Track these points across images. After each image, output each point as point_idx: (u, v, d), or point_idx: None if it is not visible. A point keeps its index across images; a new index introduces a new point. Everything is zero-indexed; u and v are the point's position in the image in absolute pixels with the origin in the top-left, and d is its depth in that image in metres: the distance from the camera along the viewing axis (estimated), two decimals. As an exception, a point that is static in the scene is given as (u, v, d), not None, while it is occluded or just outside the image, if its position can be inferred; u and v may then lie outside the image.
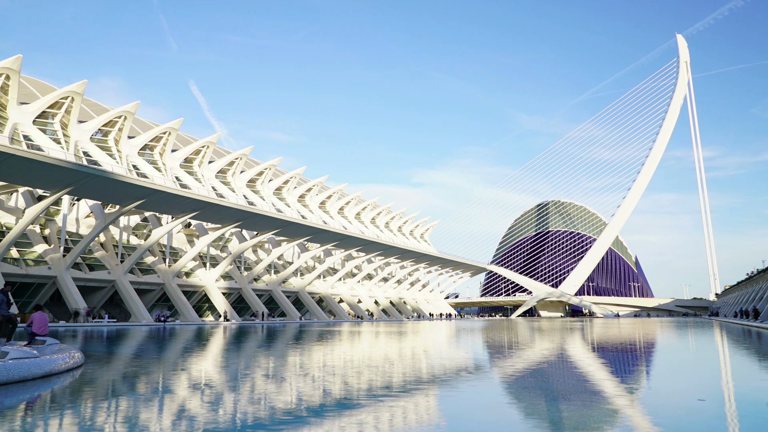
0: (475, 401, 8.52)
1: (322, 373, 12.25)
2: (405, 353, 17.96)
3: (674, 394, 9.34)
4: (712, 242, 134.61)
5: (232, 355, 17.32)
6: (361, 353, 17.71)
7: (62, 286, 46.07)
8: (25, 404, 8.20)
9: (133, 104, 57.58)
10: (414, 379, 11.02)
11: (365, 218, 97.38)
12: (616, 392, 9.27)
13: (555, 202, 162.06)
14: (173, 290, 54.94)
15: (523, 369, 13.11)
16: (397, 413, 7.34)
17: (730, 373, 12.36)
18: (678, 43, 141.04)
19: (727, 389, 9.89)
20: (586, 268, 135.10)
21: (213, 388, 9.77)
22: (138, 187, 43.44)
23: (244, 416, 7.27)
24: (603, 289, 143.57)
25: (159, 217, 58.82)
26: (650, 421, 6.84)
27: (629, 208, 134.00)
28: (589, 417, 7.10)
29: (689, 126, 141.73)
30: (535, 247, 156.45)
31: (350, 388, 9.60)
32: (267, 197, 73.35)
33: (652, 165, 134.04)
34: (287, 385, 10.03)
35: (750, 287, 74.94)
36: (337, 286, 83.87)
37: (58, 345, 13.87)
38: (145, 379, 11.14)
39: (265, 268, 68.48)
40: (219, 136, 67.50)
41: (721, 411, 7.62)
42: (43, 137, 48.34)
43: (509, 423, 6.94)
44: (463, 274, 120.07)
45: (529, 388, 9.86)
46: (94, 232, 46.74)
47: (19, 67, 47.00)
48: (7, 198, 48.42)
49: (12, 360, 9.88)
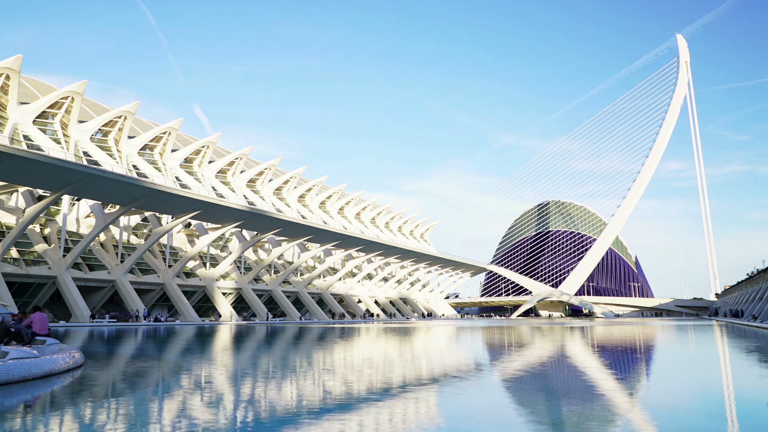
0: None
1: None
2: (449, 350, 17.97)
3: (674, 393, 9.34)
4: (712, 242, 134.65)
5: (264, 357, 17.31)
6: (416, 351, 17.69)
7: (62, 286, 46.06)
8: (25, 404, 8.20)
9: (133, 104, 57.59)
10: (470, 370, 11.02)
11: (365, 218, 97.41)
12: (616, 392, 9.27)
13: (556, 202, 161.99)
14: (173, 290, 54.94)
15: (543, 367, 13.11)
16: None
17: (725, 372, 12.36)
18: (678, 43, 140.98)
19: (727, 389, 9.88)
20: (586, 268, 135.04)
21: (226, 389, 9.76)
22: (138, 187, 43.44)
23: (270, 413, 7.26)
24: (603, 289, 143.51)
25: (159, 217, 58.79)
26: (650, 421, 6.84)
27: (629, 208, 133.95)
28: (594, 417, 7.10)
29: (689, 126, 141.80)
30: (535, 247, 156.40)
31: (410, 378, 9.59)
32: (267, 197, 73.37)
33: (652, 165, 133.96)
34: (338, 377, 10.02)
35: (750, 287, 74.92)
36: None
37: (58, 345, 13.87)
38: (158, 380, 11.14)
39: (265, 268, 68.50)
40: (219, 136, 67.53)
41: (721, 411, 7.62)
42: (43, 137, 48.36)
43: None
44: (463, 274, 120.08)
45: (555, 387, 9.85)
46: (94, 232, 46.74)
47: (19, 67, 47.01)
48: (7, 198, 48.42)
49: (12, 360, 9.88)
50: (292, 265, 70.70)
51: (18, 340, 13.30)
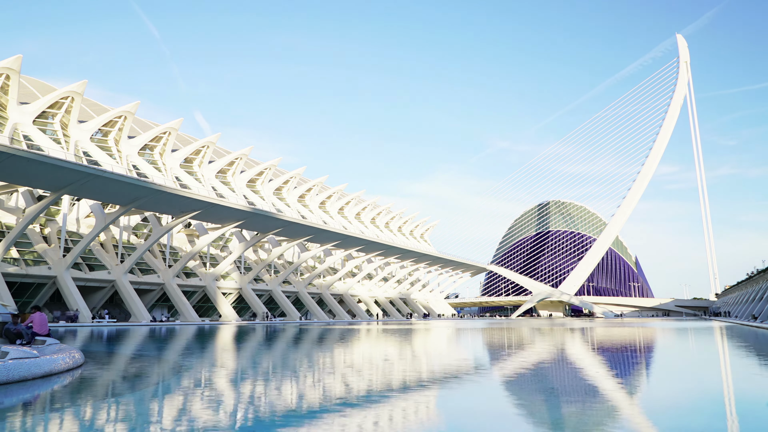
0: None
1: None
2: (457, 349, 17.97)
3: (673, 393, 9.33)
4: (712, 242, 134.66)
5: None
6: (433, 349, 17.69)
7: (62, 285, 46.06)
8: (25, 404, 8.19)
9: (133, 104, 57.59)
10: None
11: (365, 218, 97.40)
12: (616, 392, 9.27)
13: (556, 201, 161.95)
14: (173, 290, 54.94)
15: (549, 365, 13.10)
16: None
17: (723, 371, 12.36)
18: (678, 43, 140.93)
19: (727, 388, 9.88)
20: (586, 268, 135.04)
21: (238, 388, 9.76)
22: (138, 187, 43.43)
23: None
24: (603, 289, 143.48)
25: (159, 217, 58.79)
26: (650, 421, 6.84)
27: (629, 208, 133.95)
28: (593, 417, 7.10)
29: (689, 126, 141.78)
30: (535, 247, 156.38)
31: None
32: (267, 197, 73.37)
33: (652, 165, 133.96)
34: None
35: (750, 287, 74.93)
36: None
37: (58, 345, 13.87)
38: (162, 380, 11.13)
39: (265, 268, 68.50)
40: (219, 136, 67.52)
41: (721, 411, 7.62)
42: (43, 137, 48.35)
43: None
44: (463, 274, 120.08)
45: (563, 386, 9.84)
46: (94, 232, 46.74)
47: (19, 67, 47.01)
48: (7, 198, 48.42)
49: (12, 360, 9.88)
50: (292, 265, 70.69)
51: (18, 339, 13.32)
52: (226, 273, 63.44)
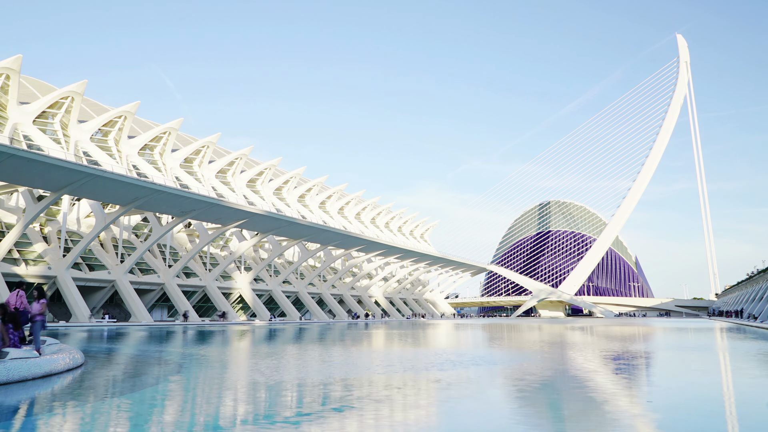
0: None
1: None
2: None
3: (673, 393, 9.34)
4: (712, 242, 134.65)
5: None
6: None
7: (62, 285, 46.04)
8: (24, 404, 8.19)
9: (133, 104, 57.59)
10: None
11: (365, 218, 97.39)
12: (615, 392, 9.27)
13: (556, 201, 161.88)
14: (173, 290, 54.91)
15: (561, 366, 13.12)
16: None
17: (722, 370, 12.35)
18: (678, 42, 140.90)
19: (727, 387, 9.88)
20: (587, 268, 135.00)
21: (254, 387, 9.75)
22: (138, 186, 43.41)
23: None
24: (603, 289, 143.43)
25: (159, 217, 58.77)
26: (650, 421, 6.84)
27: (629, 208, 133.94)
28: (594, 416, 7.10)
29: (689, 126, 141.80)
30: (535, 247, 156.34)
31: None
32: (267, 197, 73.37)
33: (652, 165, 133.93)
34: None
35: (750, 287, 74.93)
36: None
37: (58, 345, 13.87)
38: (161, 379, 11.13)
39: (265, 268, 68.47)
40: (219, 136, 67.50)
41: (721, 410, 7.62)
42: (43, 137, 48.36)
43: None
44: (463, 274, 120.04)
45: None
46: (94, 232, 46.72)
47: (19, 67, 47.01)
48: (7, 198, 48.42)
49: (12, 360, 9.88)
50: (292, 265, 70.67)
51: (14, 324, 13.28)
52: (226, 273, 63.43)
